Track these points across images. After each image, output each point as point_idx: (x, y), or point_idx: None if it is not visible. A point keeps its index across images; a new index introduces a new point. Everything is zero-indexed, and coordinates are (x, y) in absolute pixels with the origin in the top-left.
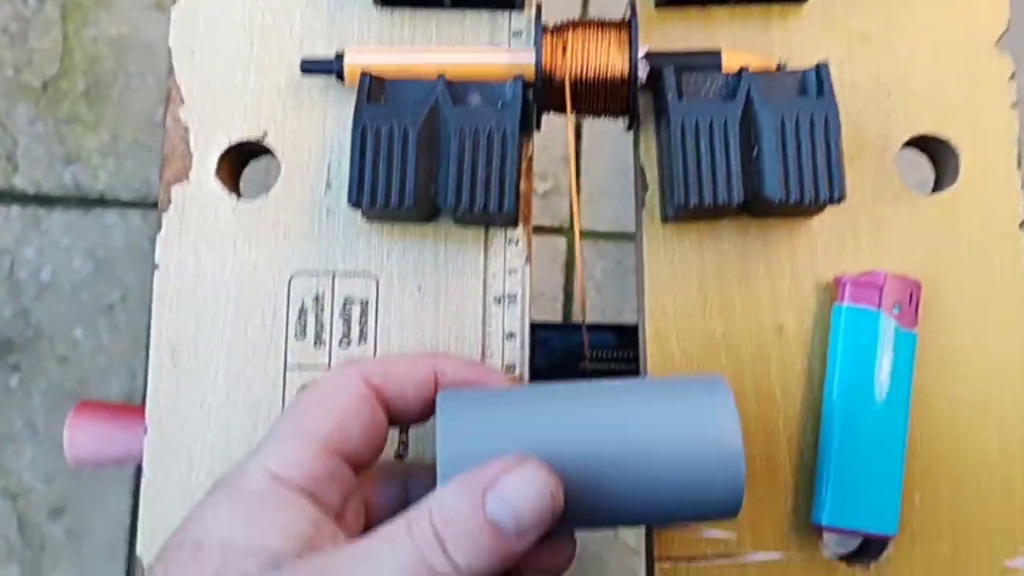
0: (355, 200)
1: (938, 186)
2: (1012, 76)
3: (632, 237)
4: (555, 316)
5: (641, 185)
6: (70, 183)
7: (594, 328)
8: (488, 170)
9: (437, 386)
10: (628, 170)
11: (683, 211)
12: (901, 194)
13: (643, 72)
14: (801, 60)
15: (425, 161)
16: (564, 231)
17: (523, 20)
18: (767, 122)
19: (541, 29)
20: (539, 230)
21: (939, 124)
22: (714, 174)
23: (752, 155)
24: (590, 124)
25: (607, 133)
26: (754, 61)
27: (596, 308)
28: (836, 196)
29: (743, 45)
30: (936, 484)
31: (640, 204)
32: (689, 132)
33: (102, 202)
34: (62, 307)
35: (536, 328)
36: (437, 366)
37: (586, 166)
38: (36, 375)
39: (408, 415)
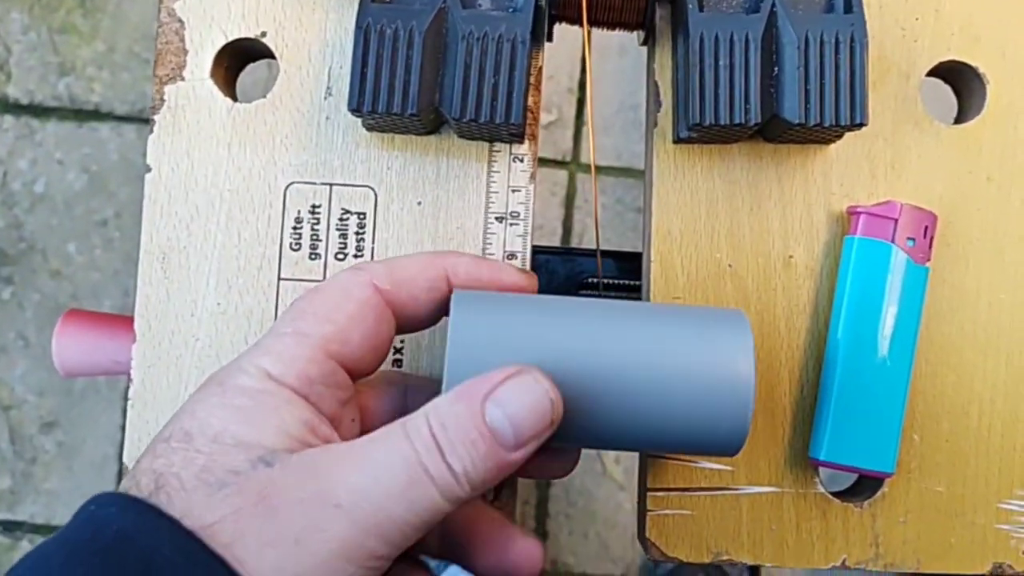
0: (355, 105)
1: (962, 118)
2: None
3: (632, 174)
4: None
5: (654, 103)
6: (64, 94)
7: (594, 253)
8: (496, 79)
9: (449, 286)
10: (629, 107)
11: (698, 130)
12: (923, 123)
13: None
14: None
15: (431, 66)
16: (566, 163)
17: None
18: (790, 39)
19: None
20: (541, 162)
21: (967, 52)
22: (732, 92)
23: (772, 73)
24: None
25: (608, 69)
26: None
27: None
28: (858, 120)
29: None
30: (937, 423)
31: (652, 124)
32: (708, 47)
33: (96, 115)
34: (55, 221)
35: (537, 252)
36: (448, 265)
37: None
38: (29, 288)
39: (419, 320)
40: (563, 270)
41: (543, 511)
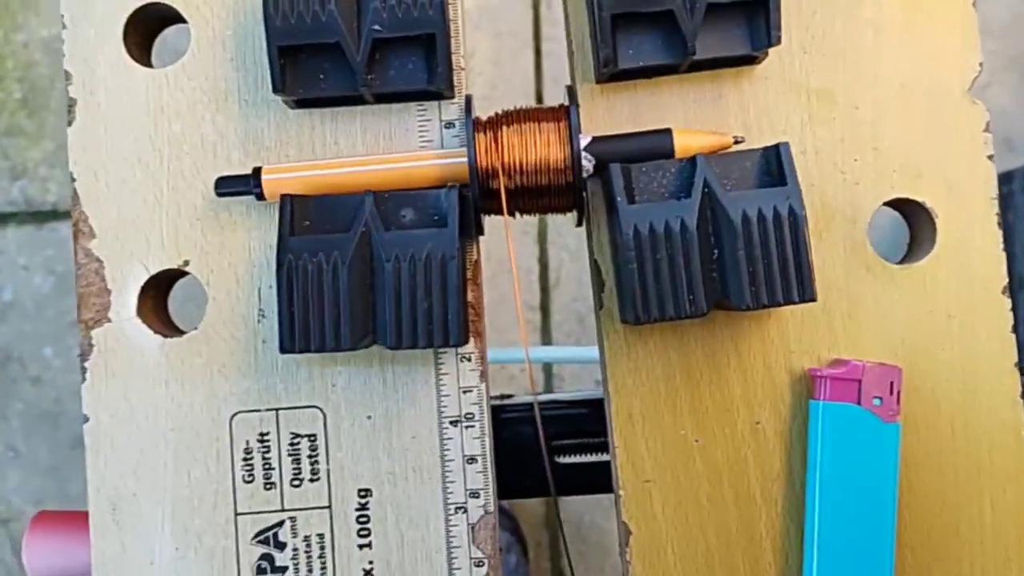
0: (285, 347)
1: (915, 252)
2: (987, 127)
3: None
4: (530, 288)
5: (597, 284)
6: (19, 198)
7: (568, 404)
8: (429, 301)
9: None
10: None
11: (642, 323)
12: (875, 267)
13: (588, 165)
14: (759, 129)
15: (360, 294)
16: None
17: (454, 109)
18: (727, 221)
19: (472, 126)
20: None
21: (911, 188)
22: (673, 284)
23: (713, 257)
24: None
25: None
26: (708, 141)
27: (573, 278)
28: (808, 297)
29: (696, 117)
30: (929, 574)
31: (598, 305)
32: (643, 240)
33: (55, 215)
34: (28, 327)
35: (504, 410)
36: None
37: None
38: (11, 398)
39: None
40: (530, 429)
41: (556, 551)
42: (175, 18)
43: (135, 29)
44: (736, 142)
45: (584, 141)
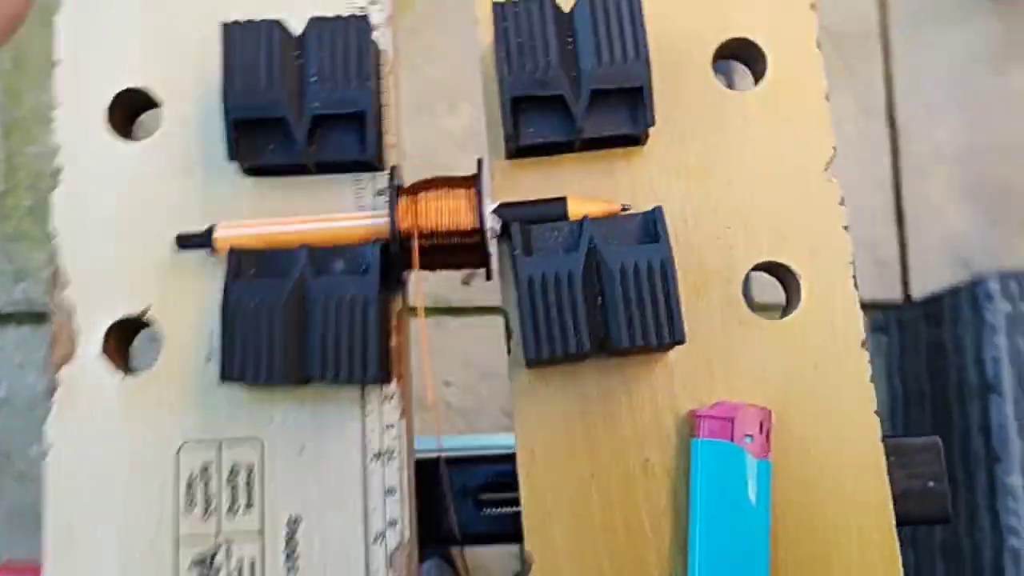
0: (225, 376)
1: (788, 307)
2: (842, 201)
3: None
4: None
5: (506, 333)
6: (21, 299)
7: (496, 460)
8: (351, 338)
9: None
10: None
11: (537, 363)
12: (749, 321)
13: (495, 225)
14: (646, 199)
15: (294, 333)
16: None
17: (386, 178)
18: (609, 270)
19: (395, 192)
20: None
21: (778, 251)
22: (562, 326)
23: (598, 303)
24: None
25: None
26: (597, 207)
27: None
28: (677, 338)
29: (591, 189)
30: None
31: (507, 350)
32: (537, 287)
33: None
34: (18, 424)
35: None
36: None
37: None
38: None
39: None
40: (458, 480)
41: None
42: (155, 102)
43: (119, 108)
44: (623, 210)
45: (491, 207)
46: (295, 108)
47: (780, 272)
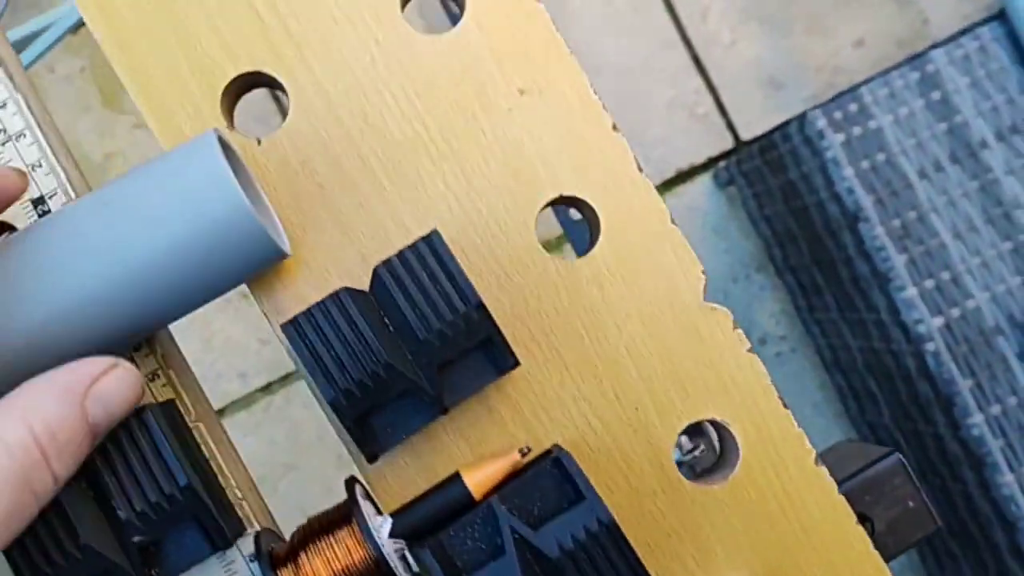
0: None
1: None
2: (735, 325)
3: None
4: None
5: None
6: None
7: None
8: None
9: None
10: None
11: None
12: (694, 493)
13: (397, 546)
14: (539, 422)
15: None
16: None
17: (249, 544)
18: (549, 560)
19: (270, 563)
20: None
21: (697, 410)
22: None
23: None
24: None
25: None
26: (498, 469)
27: None
28: None
29: (478, 440)
30: None
31: None
32: None
33: None
34: None
35: None
36: None
37: None
38: None
39: None
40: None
41: None
42: None
43: None
44: (523, 455)
45: (385, 527)
46: (117, 549)
47: (705, 430)
